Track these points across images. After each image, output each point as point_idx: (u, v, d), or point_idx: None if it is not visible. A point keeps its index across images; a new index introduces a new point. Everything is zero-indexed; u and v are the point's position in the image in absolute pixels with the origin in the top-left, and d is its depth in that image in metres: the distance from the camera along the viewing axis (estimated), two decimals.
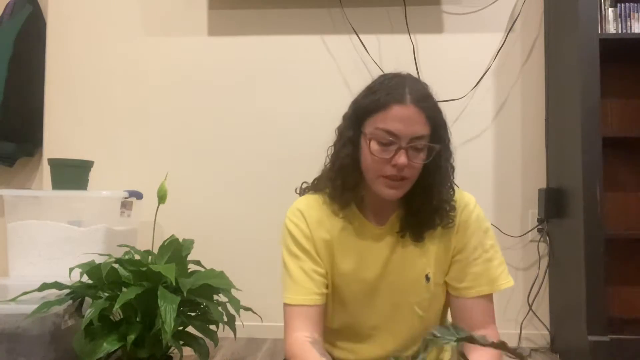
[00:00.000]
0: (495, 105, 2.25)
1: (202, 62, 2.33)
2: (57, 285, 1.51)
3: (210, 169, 2.31)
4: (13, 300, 1.49)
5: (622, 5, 1.91)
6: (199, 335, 1.61)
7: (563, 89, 2.01)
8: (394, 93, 0.90)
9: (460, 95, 2.22)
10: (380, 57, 2.26)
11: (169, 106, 2.34)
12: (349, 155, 0.97)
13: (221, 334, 1.67)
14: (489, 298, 1.01)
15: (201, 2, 2.34)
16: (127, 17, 2.37)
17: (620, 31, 1.90)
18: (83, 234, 1.93)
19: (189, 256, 1.74)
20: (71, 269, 1.56)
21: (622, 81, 2.12)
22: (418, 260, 1.00)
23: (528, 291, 2.16)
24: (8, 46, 2.22)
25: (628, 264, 2.10)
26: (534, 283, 2.17)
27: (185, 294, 1.46)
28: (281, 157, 2.28)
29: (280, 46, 2.31)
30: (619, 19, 1.91)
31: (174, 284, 1.46)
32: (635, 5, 1.91)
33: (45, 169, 2.25)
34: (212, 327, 1.65)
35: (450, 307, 1.05)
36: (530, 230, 2.20)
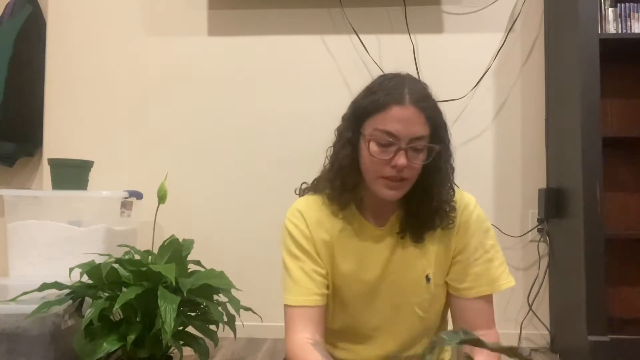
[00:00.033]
0: (495, 105, 2.25)
1: (202, 62, 2.33)
2: (57, 285, 1.51)
3: (210, 169, 2.31)
4: (13, 300, 1.49)
5: (622, 5, 1.91)
6: (199, 335, 1.61)
7: (563, 89, 2.01)
8: (393, 94, 0.90)
9: (460, 95, 2.22)
10: (380, 57, 2.26)
11: (169, 106, 2.34)
12: (348, 156, 0.96)
13: (221, 334, 1.67)
14: (489, 298, 1.01)
15: (201, 2, 2.34)
16: (127, 17, 2.37)
17: (620, 31, 1.90)
18: (83, 234, 1.93)
19: (189, 256, 1.74)
20: (71, 269, 1.56)
21: (622, 81, 2.12)
22: (418, 261, 0.99)
23: (528, 291, 2.16)
24: (8, 46, 2.22)
25: (628, 264, 2.10)
26: (534, 283, 2.17)
27: (185, 294, 1.46)
28: (281, 157, 2.28)
29: (280, 46, 2.31)
30: (619, 19, 1.91)
31: (174, 284, 1.46)
32: (635, 5, 1.91)
33: (45, 169, 2.25)
34: (212, 327, 1.64)
35: (450, 307, 1.05)
36: (530, 230, 2.20)
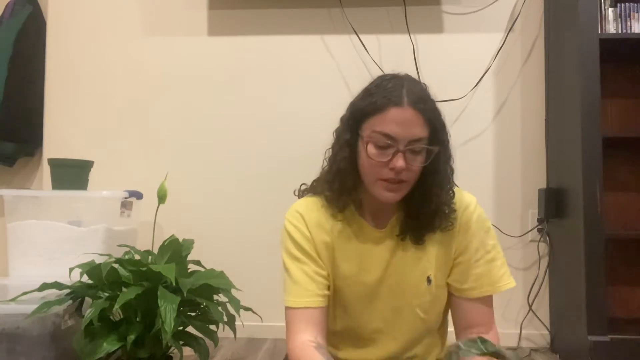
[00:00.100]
0: (495, 105, 2.25)
1: (202, 62, 2.33)
2: (57, 285, 1.51)
3: (210, 169, 2.31)
4: (13, 300, 1.49)
5: (622, 5, 1.91)
6: (199, 335, 1.61)
7: (563, 89, 2.01)
8: (391, 95, 0.89)
9: (460, 95, 2.22)
10: (380, 57, 2.26)
11: (169, 106, 2.34)
12: (346, 158, 0.96)
13: (221, 334, 1.67)
14: (489, 298, 1.01)
15: (201, 2, 2.34)
16: (127, 17, 2.37)
17: (620, 31, 1.90)
18: (83, 234, 1.93)
19: (189, 256, 1.74)
20: (71, 269, 1.56)
21: (622, 81, 2.13)
22: (419, 262, 0.99)
23: (528, 291, 2.16)
24: (8, 46, 2.22)
25: (628, 264, 2.10)
26: (534, 283, 2.17)
27: (185, 294, 1.46)
28: (281, 157, 2.28)
29: (280, 46, 2.31)
30: (619, 19, 1.91)
31: (174, 284, 1.46)
32: (635, 5, 1.91)
33: (45, 169, 2.25)
34: (212, 327, 1.64)
35: (450, 307, 1.05)
36: (530, 230, 2.20)
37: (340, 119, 1.00)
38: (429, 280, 1.00)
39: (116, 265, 1.54)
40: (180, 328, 1.58)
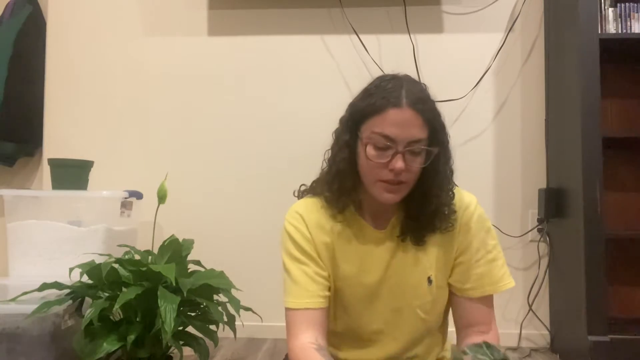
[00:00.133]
0: (495, 105, 2.25)
1: (202, 62, 2.33)
2: (57, 285, 1.51)
3: (210, 169, 2.31)
4: (13, 300, 1.49)
5: (622, 5, 1.91)
6: (199, 335, 1.61)
7: (563, 89, 2.01)
8: (390, 96, 0.88)
9: (460, 95, 2.22)
10: (380, 57, 2.26)
11: (169, 106, 2.34)
12: (345, 159, 0.95)
13: (221, 334, 1.67)
14: (490, 298, 1.01)
15: (201, 2, 2.34)
16: (127, 17, 2.37)
17: (620, 31, 1.90)
18: (83, 234, 1.93)
19: (189, 256, 1.74)
20: (71, 269, 1.56)
21: (622, 81, 2.13)
22: (420, 263, 0.99)
23: (528, 291, 2.16)
24: (8, 46, 2.22)
25: (628, 264, 2.10)
26: (534, 283, 2.17)
27: (185, 294, 1.46)
28: (281, 157, 2.28)
29: (280, 46, 2.31)
30: (619, 19, 1.91)
31: (174, 284, 1.46)
32: (635, 5, 1.91)
33: (45, 169, 2.25)
34: (212, 327, 1.64)
35: (451, 306, 1.05)
36: (530, 230, 2.20)
37: (340, 120, 1.00)
38: (429, 281, 0.99)
39: (116, 265, 1.54)
40: (180, 328, 1.58)
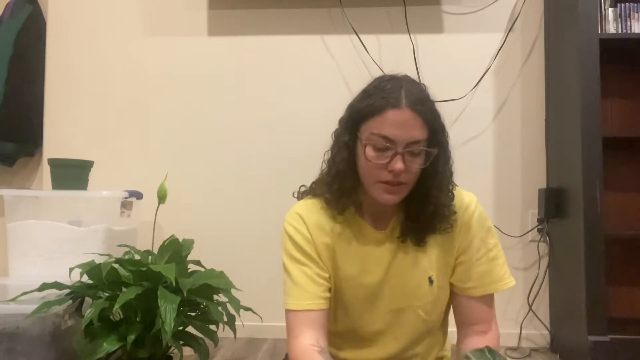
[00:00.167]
0: (495, 105, 2.25)
1: (202, 62, 2.33)
2: (57, 285, 1.51)
3: (210, 169, 2.31)
4: (13, 300, 1.49)
5: (622, 5, 1.91)
6: (199, 335, 1.61)
7: (563, 89, 2.01)
8: (389, 97, 0.88)
9: (460, 95, 2.22)
10: (380, 57, 2.26)
11: (169, 106, 2.34)
12: (345, 160, 0.95)
13: (221, 334, 1.67)
14: (491, 296, 1.01)
15: (201, 2, 2.34)
16: (127, 17, 2.37)
17: (620, 31, 1.90)
18: (83, 234, 1.93)
19: (189, 256, 1.74)
20: (71, 269, 1.56)
21: (622, 81, 2.12)
22: (420, 263, 0.99)
23: (528, 291, 2.16)
24: (8, 46, 2.22)
25: (628, 264, 2.10)
26: (534, 283, 2.17)
27: (185, 294, 1.46)
28: (281, 157, 2.28)
29: (280, 46, 2.31)
30: (619, 19, 1.91)
31: (174, 284, 1.46)
32: (635, 5, 1.91)
33: (45, 169, 2.25)
34: (212, 327, 1.64)
35: (452, 304, 1.05)
36: (530, 230, 2.20)
37: (339, 121, 0.99)
38: (430, 281, 0.99)
39: (116, 265, 1.54)
40: (180, 328, 1.58)
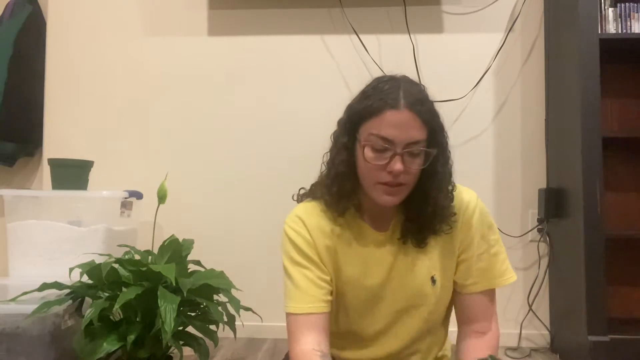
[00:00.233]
0: (495, 105, 2.25)
1: (202, 62, 2.33)
2: (57, 285, 1.51)
3: (210, 169, 2.31)
4: (13, 300, 1.49)
5: (622, 5, 1.91)
6: (199, 335, 1.61)
7: (563, 89, 2.01)
8: (387, 98, 0.88)
9: (460, 95, 2.22)
10: (380, 57, 2.26)
11: (169, 106, 2.34)
12: (344, 161, 0.95)
13: (221, 334, 1.67)
14: (492, 292, 1.01)
15: (201, 2, 2.34)
16: (127, 17, 2.37)
17: (620, 31, 1.90)
18: (83, 234, 1.93)
19: (189, 256, 1.74)
20: (71, 269, 1.56)
21: (622, 81, 2.13)
22: (422, 264, 0.99)
23: (528, 291, 2.16)
24: (8, 46, 2.21)
25: (628, 264, 2.10)
26: (534, 283, 2.16)
27: (185, 294, 1.46)
28: (281, 157, 2.28)
29: (280, 46, 2.31)
30: (619, 19, 1.91)
31: (174, 284, 1.46)
32: (635, 5, 1.91)
33: (45, 169, 2.25)
34: (212, 327, 1.64)
35: (453, 302, 1.05)
36: (530, 230, 2.20)
37: (338, 122, 0.99)
38: (433, 281, 0.99)
39: (116, 265, 1.54)
40: (180, 328, 1.58)
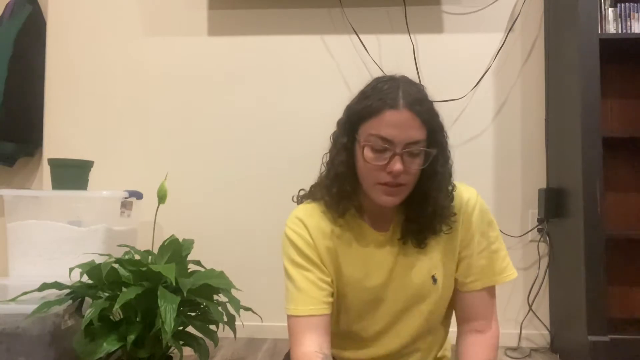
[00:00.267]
0: (495, 105, 2.25)
1: (202, 62, 2.33)
2: (57, 285, 1.51)
3: (210, 169, 2.31)
4: (13, 300, 1.49)
5: (622, 5, 1.91)
6: (199, 335, 1.61)
7: (563, 89, 2.01)
8: (386, 97, 0.88)
9: (460, 95, 2.22)
10: (380, 57, 2.26)
11: (169, 106, 2.34)
12: (343, 162, 0.94)
13: (221, 334, 1.67)
14: (492, 289, 1.01)
15: (201, 2, 2.34)
16: (127, 17, 2.37)
17: (620, 31, 1.90)
18: (83, 234, 1.93)
19: (189, 256, 1.74)
20: (71, 269, 1.56)
21: (622, 81, 2.13)
22: (423, 263, 0.99)
23: (528, 291, 2.16)
24: (8, 46, 2.22)
25: (628, 264, 2.10)
26: (534, 283, 2.17)
27: (185, 294, 1.46)
28: (281, 157, 2.28)
29: (280, 46, 2.31)
30: (619, 19, 1.91)
31: (174, 284, 1.46)
32: (635, 5, 1.91)
33: (45, 169, 2.26)
34: (212, 327, 1.64)
35: (453, 300, 1.05)
36: (530, 230, 2.20)
37: (337, 123, 0.99)
38: (434, 280, 0.99)
39: (116, 265, 1.54)
40: (180, 328, 1.58)
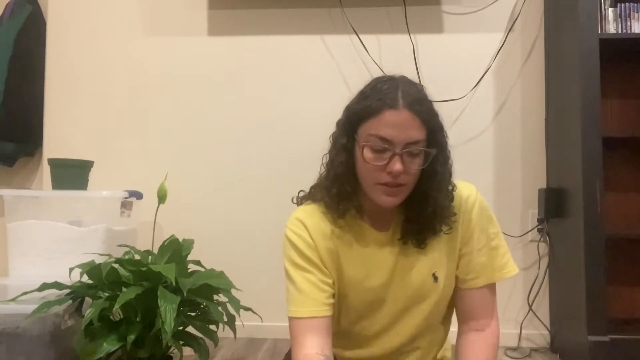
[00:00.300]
0: (495, 105, 2.25)
1: (202, 62, 2.33)
2: (57, 285, 1.51)
3: (210, 169, 2.31)
4: (13, 300, 1.49)
5: (622, 5, 1.91)
6: (199, 335, 1.61)
7: (563, 89, 2.01)
8: (386, 98, 0.87)
9: (460, 95, 2.22)
10: (380, 57, 2.26)
11: (169, 106, 2.34)
12: (343, 163, 0.94)
13: (221, 334, 1.67)
14: (492, 287, 1.01)
15: (201, 2, 2.34)
16: (127, 17, 2.37)
17: (620, 31, 1.90)
18: (83, 234, 1.93)
19: (189, 256, 1.74)
20: (71, 269, 1.56)
21: (622, 81, 2.13)
22: (424, 262, 0.99)
23: (528, 291, 2.16)
24: (8, 46, 2.22)
25: (628, 264, 2.10)
26: (534, 283, 2.16)
27: (185, 294, 1.46)
28: (281, 157, 2.28)
29: (280, 46, 2.31)
30: (619, 19, 1.91)
31: (174, 284, 1.46)
32: (635, 5, 1.91)
33: (45, 169, 2.25)
34: (212, 327, 1.65)
35: (454, 298, 1.05)
36: (530, 230, 2.20)
37: (337, 123, 0.99)
38: (435, 278, 0.99)
39: (116, 265, 1.54)
40: (180, 328, 1.58)
